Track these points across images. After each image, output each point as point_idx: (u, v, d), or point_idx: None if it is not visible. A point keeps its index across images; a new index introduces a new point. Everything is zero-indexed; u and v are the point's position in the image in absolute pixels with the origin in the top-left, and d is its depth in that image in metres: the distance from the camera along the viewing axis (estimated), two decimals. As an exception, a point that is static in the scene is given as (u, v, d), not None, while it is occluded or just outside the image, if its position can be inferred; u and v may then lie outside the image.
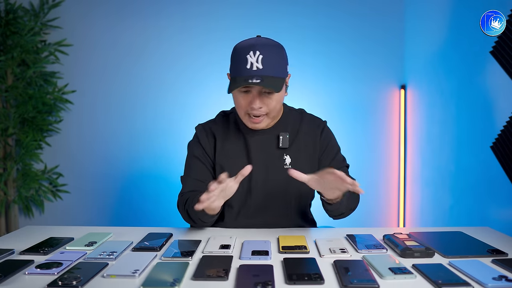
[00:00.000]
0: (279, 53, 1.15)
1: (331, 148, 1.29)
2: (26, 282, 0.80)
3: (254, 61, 1.10)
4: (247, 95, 1.15)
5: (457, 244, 1.03)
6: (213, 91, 2.55)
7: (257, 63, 1.10)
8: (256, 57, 1.10)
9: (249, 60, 1.10)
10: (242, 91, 1.15)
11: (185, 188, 1.26)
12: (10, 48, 2.42)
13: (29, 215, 2.63)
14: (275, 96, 1.15)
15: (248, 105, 1.15)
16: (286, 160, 1.24)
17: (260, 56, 1.10)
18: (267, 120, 1.19)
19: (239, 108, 1.18)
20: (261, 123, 1.18)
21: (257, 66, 1.10)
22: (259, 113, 1.15)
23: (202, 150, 1.27)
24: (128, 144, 2.63)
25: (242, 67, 1.11)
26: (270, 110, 1.16)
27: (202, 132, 1.29)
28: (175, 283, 0.77)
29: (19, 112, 2.46)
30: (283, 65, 1.16)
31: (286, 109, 1.31)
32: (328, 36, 2.59)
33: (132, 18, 2.60)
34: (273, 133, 1.26)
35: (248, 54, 1.11)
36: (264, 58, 1.10)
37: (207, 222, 1.16)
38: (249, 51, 1.11)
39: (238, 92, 1.15)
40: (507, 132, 1.45)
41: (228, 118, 1.32)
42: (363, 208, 2.61)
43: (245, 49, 1.12)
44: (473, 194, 1.79)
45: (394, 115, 2.63)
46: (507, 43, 1.39)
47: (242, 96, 1.16)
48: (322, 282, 0.78)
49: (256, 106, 1.13)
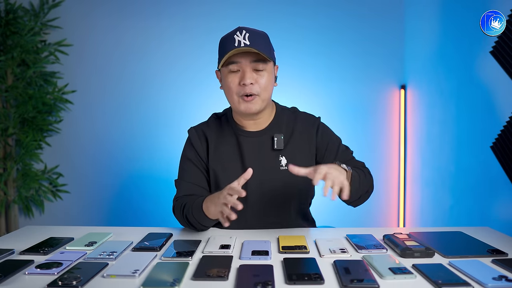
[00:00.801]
0: (264, 36, 1.17)
1: (332, 145, 1.28)
2: (26, 282, 0.80)
3: (241, 39, 1.11)
4: (236, 74, 1.15)
5: (457, 244, 1.03)
6: (213, 91, 2.54)
7: (245, 40, 1.11)
8: (243, 35, 1.11)
9: (236, 39, 1.11)
10: (232, 70, 1.15)
11: (180, 192, 1.24)
12: (10, 48, 2.42)
13: (29, 215, 2.63)
14: (266, 75, 1.15)
15: (239, 83, 1.14)
16: (281, 161, 1.22)
17: (247, 34, 1.12)
18: (259, 102, 1.16)
19: (230, 90, 1.16)
20: (253, 103, 1.15)
21: (245, 42, 1.11)
22: (251, 90, 1.13)
23: (195, 153, 1.26)
24: (128, 144, 2.63)
25: (230, 45, 1.12)
26: (262, 89, 1.14)
27: (194, 135, 1.28)
28: (175, 283, 0.77)
29: (19, 112, 2.46)
30: (269, 48, 1.18)
31: (278, 109, 1.29)
32: (328, 37, 2.60)
33: (132, 18, 2.60)
34: (267, 135, 1.24)
35: (235, 34, 1.12)
36: (250, 36, 1.12)
37: (208, 226, 1.16)
38: (236, 32, 1.13)
39: (228, 73, 1.15)
40: (507, 132, 1.45)
41: (221, 120, 1.30)
42: (363, 208, 2.62)
43: (231, 32, 1.14)
44: (473, 194, 1.79)
45: (394, 115, 2.63)
46: (507, 43, 1.39)
47: (232, 76, 1.15)
48: (322, 282, 0.78)
49: (247, 81, 1.12)
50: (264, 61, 1.14)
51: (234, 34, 1.12)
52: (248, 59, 1.13)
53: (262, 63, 1.14)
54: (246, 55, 1.12)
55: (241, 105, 1.16)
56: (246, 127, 1.25)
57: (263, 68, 1.14)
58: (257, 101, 1.16)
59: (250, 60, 1.13)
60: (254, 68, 1.14)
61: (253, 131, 1.25)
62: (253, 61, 1.13)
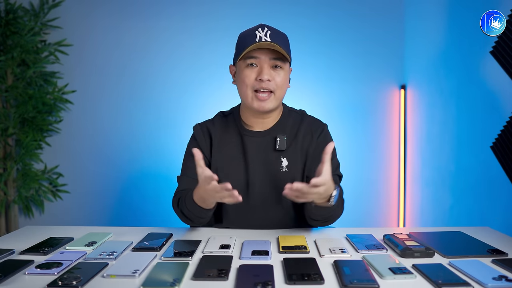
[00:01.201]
0: (285, 37, 1.18)
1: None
2: (26, 282, 0.80)
3: (262, 35, 1.12)
4: (254, 69, 1.15)
5: (457, 244, 1.03)
6: (214, 91, 2.56)
7: (266, 37, 1.12)
8: (265, 32, 1.12)
9: (258, 35, 1.12)
10: (249, 64, 1.15)
11: (179, 187, 1.24)
12: (10, 48, 2.42)
13: (29, 215, 2.63)
14: (282, 73, 1.16)
15: (256, 78, 1.14)
16: (283, 162, 1.22)
17: (269, 31, 1.13)
18: (273, 100, 1.16)
19: (245, 84, 1.16)
20: (267, 102, 1.15)
21: (266, 39, 1.11)
22: (267, 86, 1.14)
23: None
24: (128, 144, 2.63)
25: (250, 41, 1.12)
26: (277, 86, 1.15)
27: (199, 131, 1.28)
28: (175, 283, 0.77)
29: (19, 112, 2.46)
30: (289, 49, 1.19)
31: (285, 110, 1.29)
32: (328, 37, 2.60)
33: (132, 18, 2.60)
34: (271, 135, 1.24)
35: (256, 30, 1.13)
36: (272, 34, 1.12)
37: (203, 217, 1.13)
38: (258, 28, 1.14)
39: (245, 67, 1.15)
40: (507, 132, 1.45)
41: (227, 119, 1.30)
42: (363, 208, 2.64)
43: (252, 28, 1.15)
44: (473, 194, 1.79)
45: (394, 115, 2.63)
46: (507, 43, 1.39)
47: (249, 70, 1.15)
48: (322, 282, 0.78)
49: (265, 77, 1.12)
50: (283, 59, 1.15)
51: (256, 30, 1.13)
52: (268, 56, 1.13)
53: (281, 61, 1.15)
54: (266, 51, 1.13)
55: (254, 102, 1.17)
56: (252, 127, 1.25)
57: (281, 66, 1.15)
58: (272, 100, 1.16)
59: (270, 57, 1.13)
60: (272, 65, 1.15)
61: (258, 131, 1.24)
62: (272, 58, 1.14)
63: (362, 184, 2.63)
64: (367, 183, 2.64)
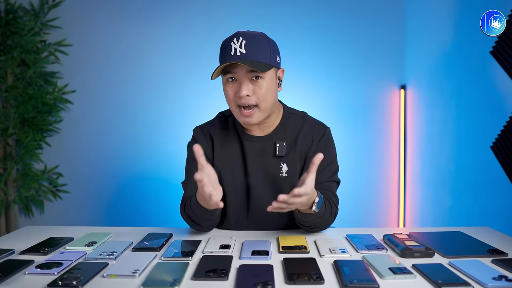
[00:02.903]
0: (262, 41, 1.12)
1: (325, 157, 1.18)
2: (26, 282, 0.80)
3: (237, 47, 1.08)
4: (234, 84, 1.12)
5: (457, 244, 1.03)
6: (213, 92, 2.54)
7: (241, 49, 1.07)
8: (239, 43, 1.08)
9: (233, 47, 1.08)
10: (229, 79, 1.12)
11: (186, 194, 1.22)
12: (10, 48, 2.42)
13: (29, 215, 2.63)
14: (264, 83, 1.10)
15: (235, 94, 1.11)
16: (282, 168, 1.21)
17: (243, 41, 1.08)
18: (259, 114, 1.13)
19: (229, 101, 1.14)
20: (252, 117, 1.12)
21: (240, 51, 1.07)
22: (247, 102, 1.10)
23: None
24: (128, 144, 2.63)
25: (227, 54, 1.09)
26: (260, 99, 1.10)
27: (200, 134, 1.27)
28: (175, 283, 0.77)
29: (19, 112, 2.46)
30: (268, 52, 1.11)
31: (286, 113, 1.26)
32: (328, 36, 2.60)
33: (132, 18, 2.60)
34: (271, 140, 1.22)
35: (232, 41, 1.09)
36: (247, 43, 1.08)
37: (209, 219, 1.12)
38: (233, 38, 1.10)
39: (226, 82, 1.13)
40: (507, 132, 1.45)
41: (227, 120, 1.28)
42: (363, 208, 2.64)
43: (229, 38, 1.12)
44: (473, 194, 1.79)
45: (394, 115, 2.63)
46: (507, 43, 1.39)
47: (229, 86, 1.12)
48: (322, 282, 0.78)
49: (243, 93, 1.08)
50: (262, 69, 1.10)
51: (232, 41, 1.09)
52: (244, 69, 1.09)
53: (260, 72, 1.09)
54: (242, 65, 1.08)
55: (240, 118, 1.15)
56: (252, 131, 1.23)
57: (260, 76, 1.10)
58: (256, 113, 1.12)
59: (246, 70, 1.08)
60: (252, 77, 1.10)
61: (257, 136, 1.23)
62: (249, 71, 1.09)
63: (362, 184, 2.63)
64: (367, 183, 2.64)
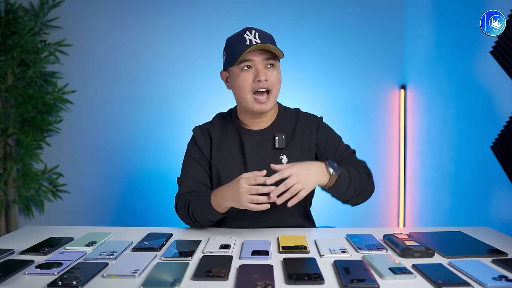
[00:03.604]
0: (271, 36, 1.21)
1: (332, 141, 1.29)
2: (26, 282, 0.80)
3: (252, 38, 1.15)
4: (249, 71, 1.17)
5: (457, 244, 1.03)
6: (213, 91, 2.55)
7: (256, 39, 1.15)
8: (253, 35, 1.15)
9: (247, 38, 1.15)
10: (244, 67, 1.17)
11: (182, 190, 1.26)
12: (10, 48, 2.42)
13: (29, 215, 2.63)
14: (276, 71, 1.18)
15: (253, 80, 1.16)
16: (282, 160, 1.23)
17: (257, 33, 1.16)
18: (271, 100, 1.19)
19: (243, 89, 1.18)
20: (267, 104, 1.18)
21: (256, 41, 1.14)
22: (265, 86, 1.16)
23: (199, 151, 1.28)
24: (128, 143, 2.63)
25: (242, 45, 1.14)
26: (274, 85, 1.18)
27: (199, 133, 1.30)
28: (175, 283, 0.77)
29: (19, 112, 2.46)
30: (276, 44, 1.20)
31: (281, 109, 1.31)
32: (328, 37, 2.59)
33: (132, 17, 2.60)
34: (269, 134, 1.26)
35: (244, 34, 1.16)
36: (260, 35, 1.16)
37: (214, 221, 1.17)
38: (245, 31, 1.17)
39: (240, 71, 1.17)
40: (507, 132, 1.45)
41: (225, 119, 1.32)
42: (363, 208, 2.62)
43: (240, 32, 1.18)
44: (473, 194, 1.79)
45: (394, 115, 2.63)
46: (507, 43, 1.39)
47: (245, 74, 1.17)
48: (322, 282, 0.78)
49: (262, 78, 1.14)
50: (275, 58, 1.18)
51: (244, 34, 1.15)
52: (262, 57, 1.16)
53: (273, 60, 1.18)
54: (259, 52, 1.15)
55: (254, 105, 1.19)
56: (250, 126, 1.27)
57: (274, 64, 1.18)
58: (270, 100, 1.18)
59: (263, 57, 1.16)
60: (267, 65, 1.17)
61: (255, 130, 1.26)
62: (266, 59, 1.16)
63: (362, 184, 2.62)
64: (367, 183, 2.64)
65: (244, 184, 1.03)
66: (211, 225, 1.20)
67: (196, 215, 1.15)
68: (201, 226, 1.20)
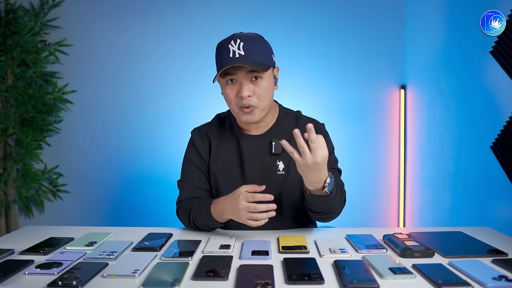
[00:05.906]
0: (259, 42, 1.14)
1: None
2: (26, 282, 0.80)
3: (235, 49, 1.09)
4: (234, 86, 1.13)
5: (457, 244, 1.03)
6: (212, 92, 2.54)
7: (239, 50, 1.09)
8: (237, 45, 1.09)
9: (231, 49, 1.09)
10: (228, 81, 1.13)
11: (182, 195, 1.26)
12: (10, 48, 2.42)
13: (29, 215, 2.63)
14: (264, 83, 1.13)
15: (236, 95, 1.13)
16: (279, 166, 1.22)
17: (241, 43, 1.09)
18: (258, 112, 1.15)
19: (230, 102, 1.16)
20: (253, 115, 1.14)
21: (239, 53, 1.09)
22: (249, 102, 1.12)
23: (198, 155, 1.27)
24: (128, 144, 2.63)
25: (225, 57, 1.10)
26: (260, 99, 1.13)
27: (197, 136, 1.29)
28: (175, 283, 0.77)
29: (19, 112, 2.46)
30: (266, 53, 1.14)
31: (281, 113, 1.28)
32: (328, 37, 2.59)
33: (132, 17, 2.60)
34: (267, 139, 1.24)
35: (229, 44, 1.10)
36: (245, 45, 1.09)
37: (215, 228, 1.19)
38: (230, 40, 1.11)
39: (225, 84, 1.14)
40: (507, 132, 1.45)
41: (224, 121, 1.31)
42: (363, 208, 2.64)
43: (226, 41, 1.12)
44: (473, 194, 1.79)
45: (394, 115, 2.63)
46: (507, 43, 1.39)
47: (229, 88, 1.14)
48: (322, 282, 0.78)
49: (244, 94, 1.10)
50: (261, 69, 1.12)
51: (229, 43, 1.10)
52: (244, 71, 1.10)
53: (259, 72, 1.11)
54: (242, 67, 1.10)
55: (241, 116, 1.16)
56: (248, 131, 1.25)
57: (260, 76, 1.12)
58: (256, 112, 1.14)
59: (246, 71, 1.10)
60: (252, 78, 1.12)
61: (253, 135, 1.24)
62: (249, 72, 1.11)
63: (362, 184, 2.63)
64: (367, 183, 2.64)
65: (243, 201, 1.02)
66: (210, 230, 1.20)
67: (197, 223, 1.17)
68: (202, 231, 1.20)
